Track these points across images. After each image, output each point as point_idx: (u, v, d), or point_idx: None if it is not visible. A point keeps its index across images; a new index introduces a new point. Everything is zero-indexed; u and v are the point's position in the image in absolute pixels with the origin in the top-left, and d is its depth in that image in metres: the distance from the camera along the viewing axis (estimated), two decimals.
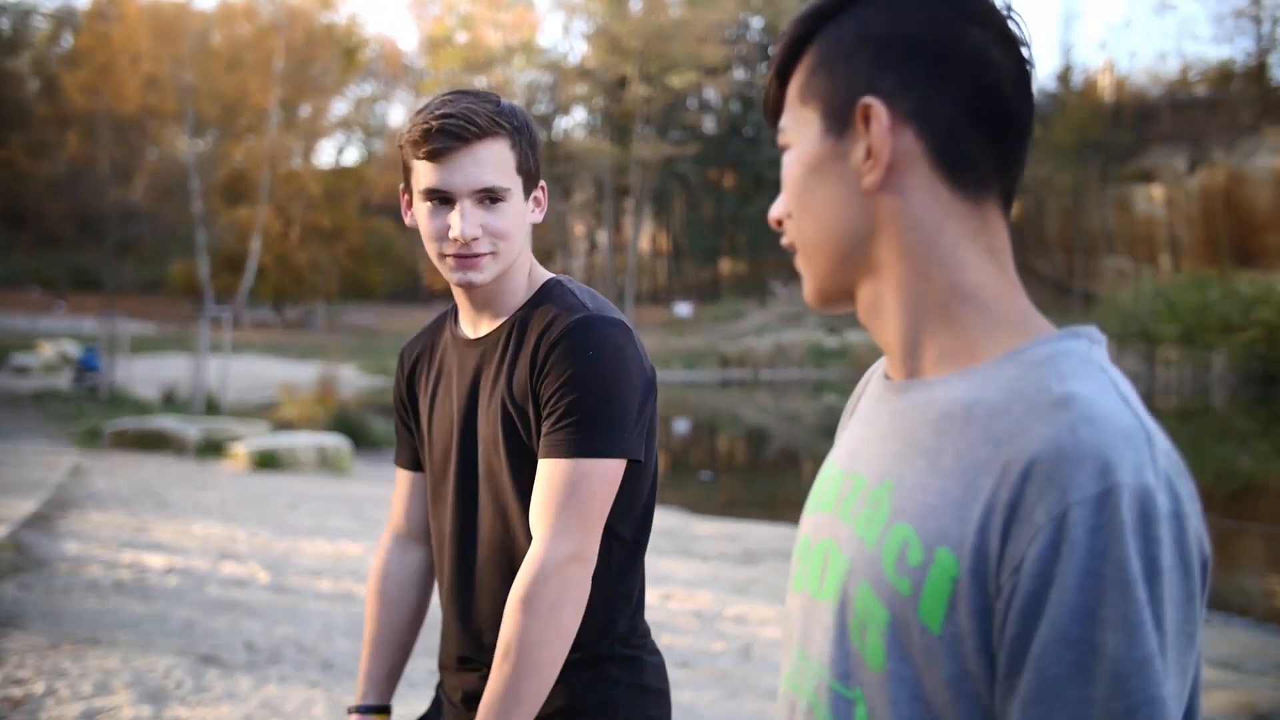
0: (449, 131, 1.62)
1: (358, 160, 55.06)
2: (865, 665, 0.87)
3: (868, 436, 0.97)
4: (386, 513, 10.16)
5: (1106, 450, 0.77)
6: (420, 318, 47.11)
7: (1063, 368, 0.85)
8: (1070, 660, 0.75)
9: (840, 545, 0.93)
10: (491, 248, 1.65)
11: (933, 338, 0.92)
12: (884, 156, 0.89)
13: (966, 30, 0.89)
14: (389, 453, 16.24)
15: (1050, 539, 0.76)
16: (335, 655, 5.32)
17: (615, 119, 51.69)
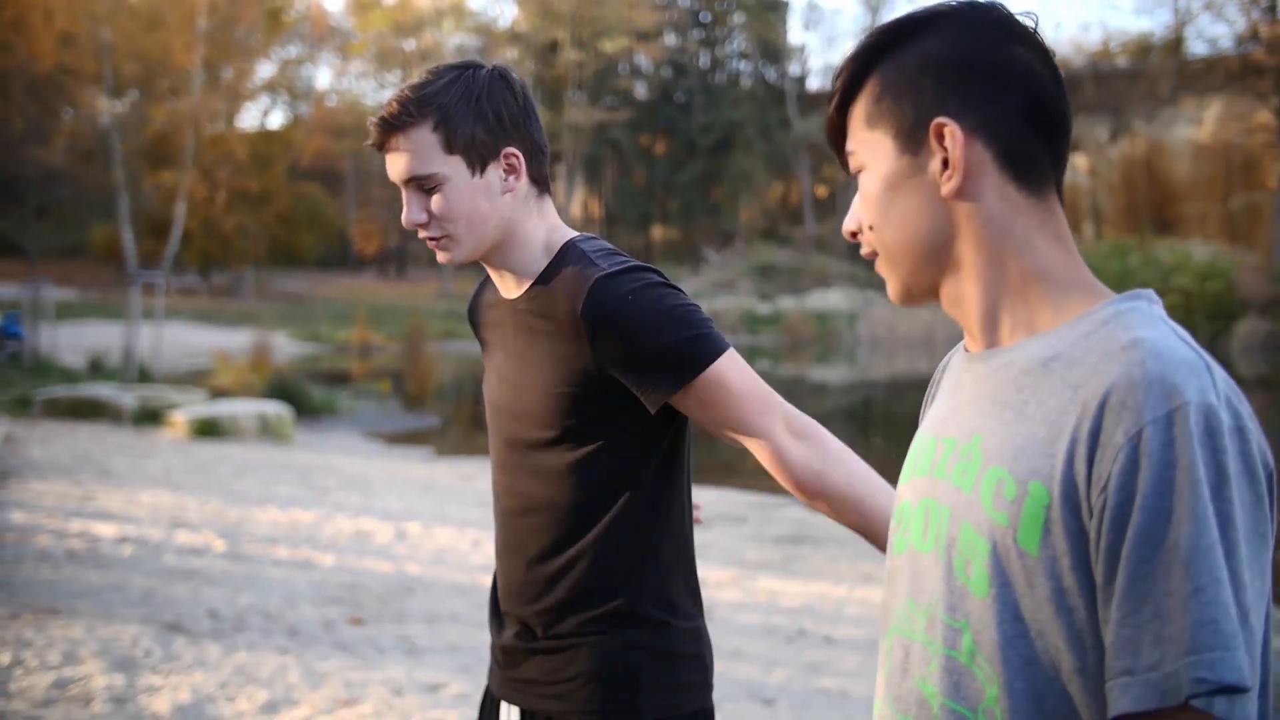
0: (375, 125, 1.69)
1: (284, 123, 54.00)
2: (971, 595, 0.98)
3: (953, 405, 1.09)
4: (334, 480, 10.09)
5: (1172, 376, 0.89)
6: (351, 284, 46.56)
7: (1129, 321, 0.97)
8: (1153, 557, 0.86)
9: (940, 500, 1.05)
10: (442, 231, 1.68)
11: (1009, 313, 1.05)
12: (960, 167, 1.02)
13: (1014, 50, 1.04)
14: (329, 420, 16.11)
15: (1130, 455, 0.88)
16: (301, 622, 5.33)
17: (547, 84, 51.22)
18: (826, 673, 5.13)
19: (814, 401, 23.55)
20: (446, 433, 16.25)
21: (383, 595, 5.93)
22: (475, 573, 6.61)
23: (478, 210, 1.67)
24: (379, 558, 6.87)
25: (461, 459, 12.89)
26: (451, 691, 4.43)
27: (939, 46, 1.05)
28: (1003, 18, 1.06)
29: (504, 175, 1.69)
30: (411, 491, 9.69)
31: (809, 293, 43.41)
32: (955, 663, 0.99)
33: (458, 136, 1.65)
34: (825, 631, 5.89)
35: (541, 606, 1.71)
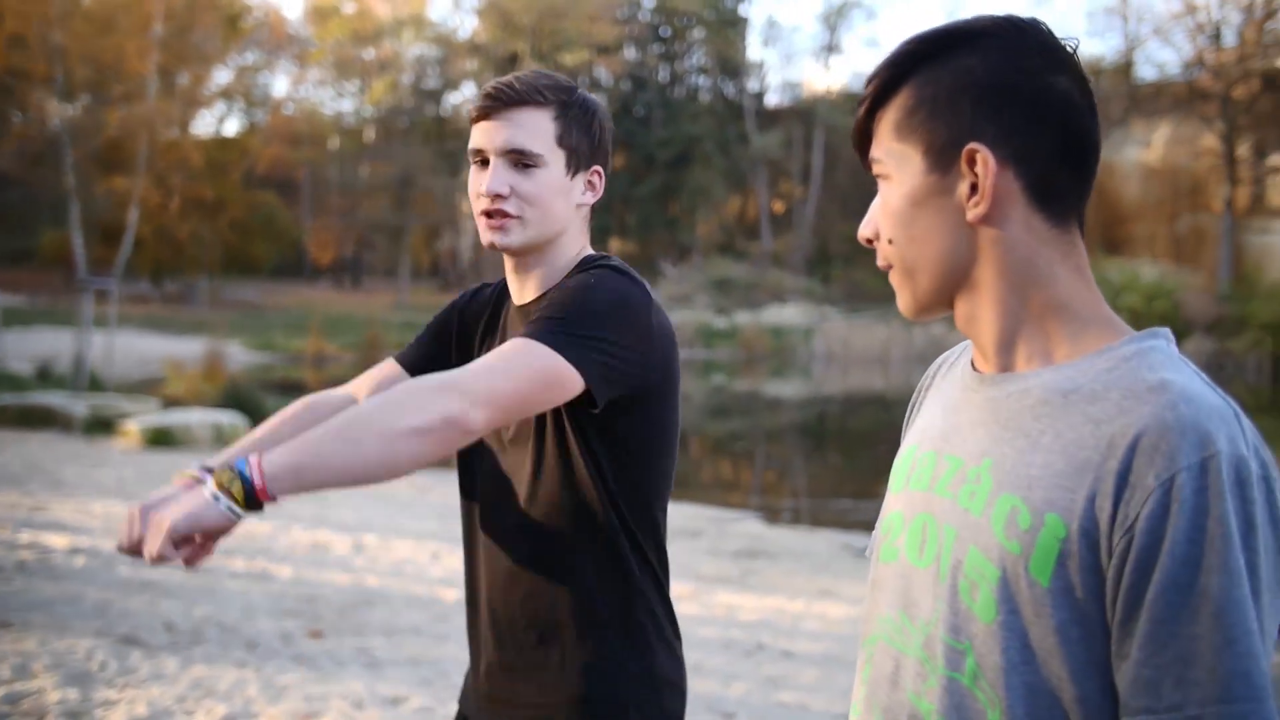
0: (492, 94, 1.71)
1: (240, 131, 53.53)
2: (976, 619, 0.99)
3: (959, 423, 1.09)
4: None
5: (1205, 424, 0.91)
6: (306, 294, 46.14)
7: (1152, 360, 0.99)
8: (1179, 603, 0.88)
9: (939, 518, 1.06)
10: (518, 210, 1.70)
11: (1025, 340, 1.06)
12: (989, 195, 1.02)
13: (1054, 80, 1.03)
14: None
15: (1161, 500, 0.90)
16: (259, 635, 5.29)
17: None
18: (786, 686, 5.17)
19: (769, 416, 23.70)
20: None
21: (341, 607, 5.90)
22: (435, 585, 6.59)
23: (554, 206, 1.73)
24: (337, 569, 6.83)
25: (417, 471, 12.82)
26: (413, 705, 4.42)
27: (979, 68, 1.03)
28: (1045, 43, 1.05)
29: (584, 189, 1.77)
30: (367, 503, 9.64)
31: (765, 307, 43.60)
32: (957, 684, 1.01)
33: (571, 134, 1.73)
34: (783, 646, 5.93)
35: (524, 626, 1.72)
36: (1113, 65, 51.14)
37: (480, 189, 1.70)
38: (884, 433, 21.94)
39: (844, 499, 13.10)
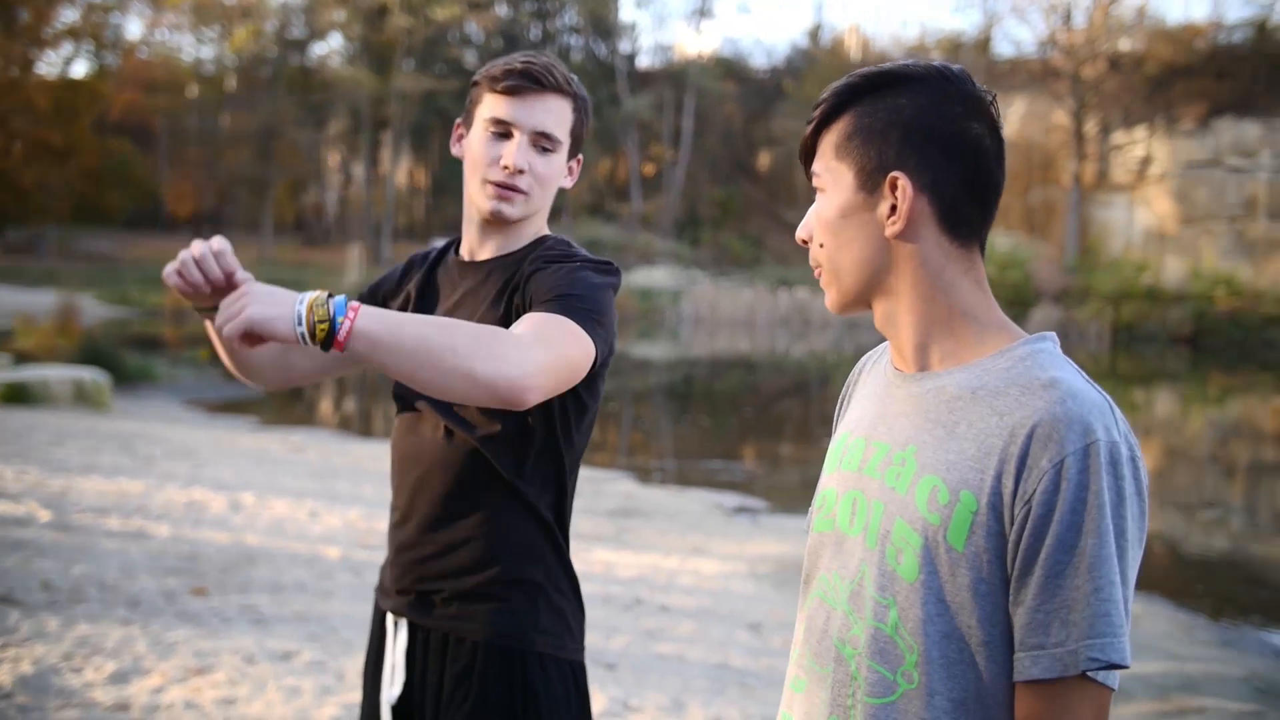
0: (531, 75, 1.85)
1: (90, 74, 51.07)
2: (900, 579, 1.20)
3: (884, 414, 1.30)
4: (160, 449, 9.82)
5: (1087, 416, 1.13)
6: (162, 246, 44.45)
7: (1042, 361, 1.21)
8: (1065, 560, 1.11)
9: (868, 494, 1.26)
10: (528, 187, 1.86)
11: (938, 343, 1.26)
12: (905, 216, 1.23)
13: (969, 125, 1.24)
14: (147, 387, 15.57)
15: (1053, 478, 1.12)
16: (141, 593, 5.28)
17: (375, 49, 50.07)
18: (663, 639, 5.41)
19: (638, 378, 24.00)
20: (270, 402, 15.91)
21: (224, 566, 5.91)
22: (316, 543, 6.64)
23: (553, 187, 1.90)
24: (216, 528, 6.80)
25: (290, 429, 12.71)
26: (304, 659, 4.51)
27: (908, 107, 1.23)
28: (968, 92, 1.25)
29: (567, 174, 1.94)
30: (242, 461, 9.55)
31: (634, 269, 43.89)
32: (882, 633, 1.20)
33: (580, 126, 1.91)
34: (660, 600, 6.18)
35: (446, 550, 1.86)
36: (972, 41, 52.71)
37: (505, 160, 1.84)
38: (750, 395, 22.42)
39: (713, 460, 13.45)
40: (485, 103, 1.87)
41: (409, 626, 1.89)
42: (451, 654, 1.83)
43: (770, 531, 8.89)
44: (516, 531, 1.85)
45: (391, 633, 1.92)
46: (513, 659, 1.81)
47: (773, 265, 46.50)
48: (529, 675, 1.80)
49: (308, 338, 1.46)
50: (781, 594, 6.80)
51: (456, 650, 1.83)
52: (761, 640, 5.63)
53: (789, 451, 14.84)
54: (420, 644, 1.87)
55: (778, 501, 10.50)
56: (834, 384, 25.20)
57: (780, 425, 18.03)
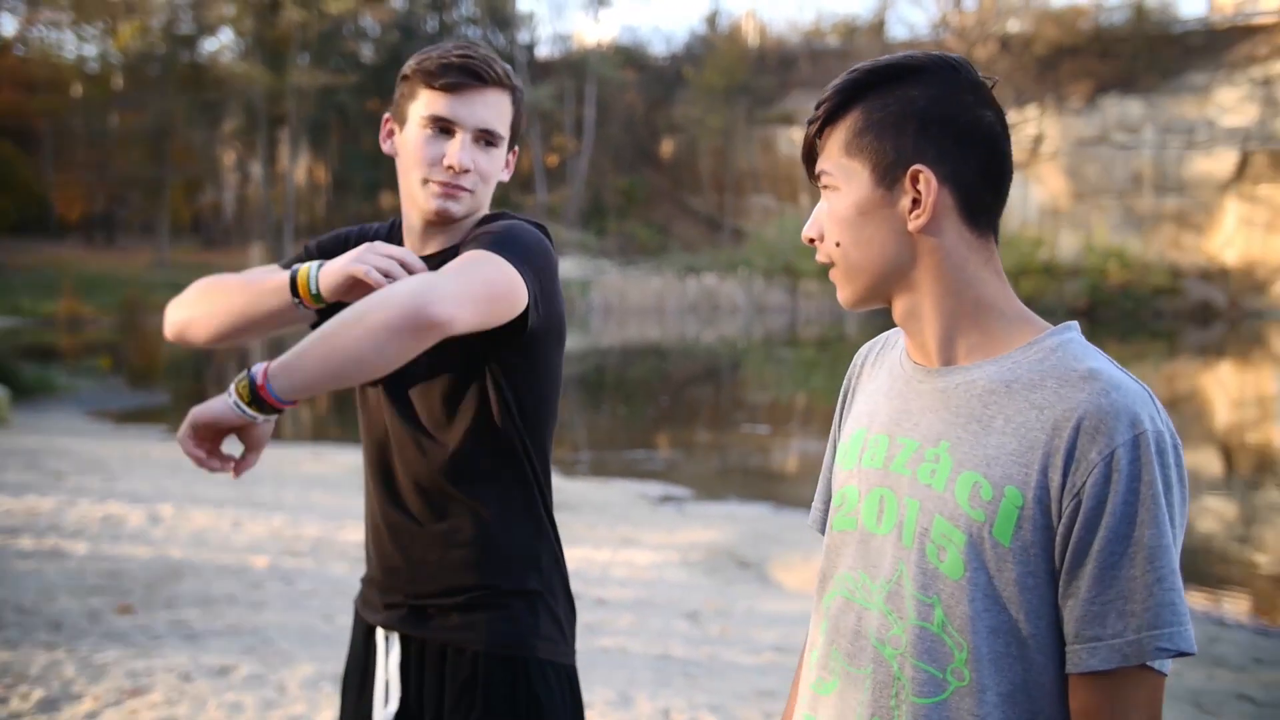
0: (470, 70, 1.78)
1: None
2: (944, 576, 1.19)
3: (908, 409, 1.29)
4: (68, 464, 9.50)
5: (1133, 407, 1.13)
6: (53, 252, 43.03)
7: (1075, 351, 1.21)
8: (1120, 551, 1.12)
9: (898, 491, 1.25)
10: (472, 185, 1.81)
11: (963, 336, 1.26)
12: (930, 208, 1.22)
13: (982, 113, 1.24)
14: (47, 400, 15.07)
15: (1103, 471, 1.12)
16: (63, 614, 5.11)
17: (268, 44, 48.92)
18: (604, 633, 5.41)
19: None
20: (178, 410, 15.52)
21: (148, 581, 5.75)
22: (242, 553, 6.49)
23: (494, 181, 1.86)
24: (136, 543, 6.62)
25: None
26: (242, 674, 4.41)
27: (921, 98, 1.22)
28: (974, 80, 1.25)
29: (505, 167, 1.90)
30: (157, 472, 9.30)
31: None
32: (927, 631, 1.19)
33: (518, 118, 1.87)
34: (596, 594, 6.17)
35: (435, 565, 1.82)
36: (867, 24, 53.52)
37: (450, 160, 1.78)
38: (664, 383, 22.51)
39: (633, 449, 13.48)
40: (422, 99, 1.80)
41: (401, 640, 1.84)
42: (451, 665, 1.79)
43: (697, 519, 8.94)
44: (511, 545, 1.81)
45: (383, 648, 1.86)
46: (515, 667, 1.78)
47: (679, 253, 46.71)
48: (532, 683, 1.78)
49: (240, 404, 1.55)
50: (714, 581, 6.85)
51: (457, 661, 1.79)
52: (700, 629, 5.66)
53: (707, 438, 14.94)
54: (415, 657, 1.83)
55: (701, 489, 10.57)
56: (745, 368, 25.46)
57: (696, 412, 18.15)
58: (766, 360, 27.26)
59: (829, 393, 20.45)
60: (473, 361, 1.78)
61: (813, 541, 7.99)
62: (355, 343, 1.52)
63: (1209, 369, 24.71)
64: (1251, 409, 17.88)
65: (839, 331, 34.52)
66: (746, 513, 9.45)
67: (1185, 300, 42.11)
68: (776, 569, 7.38)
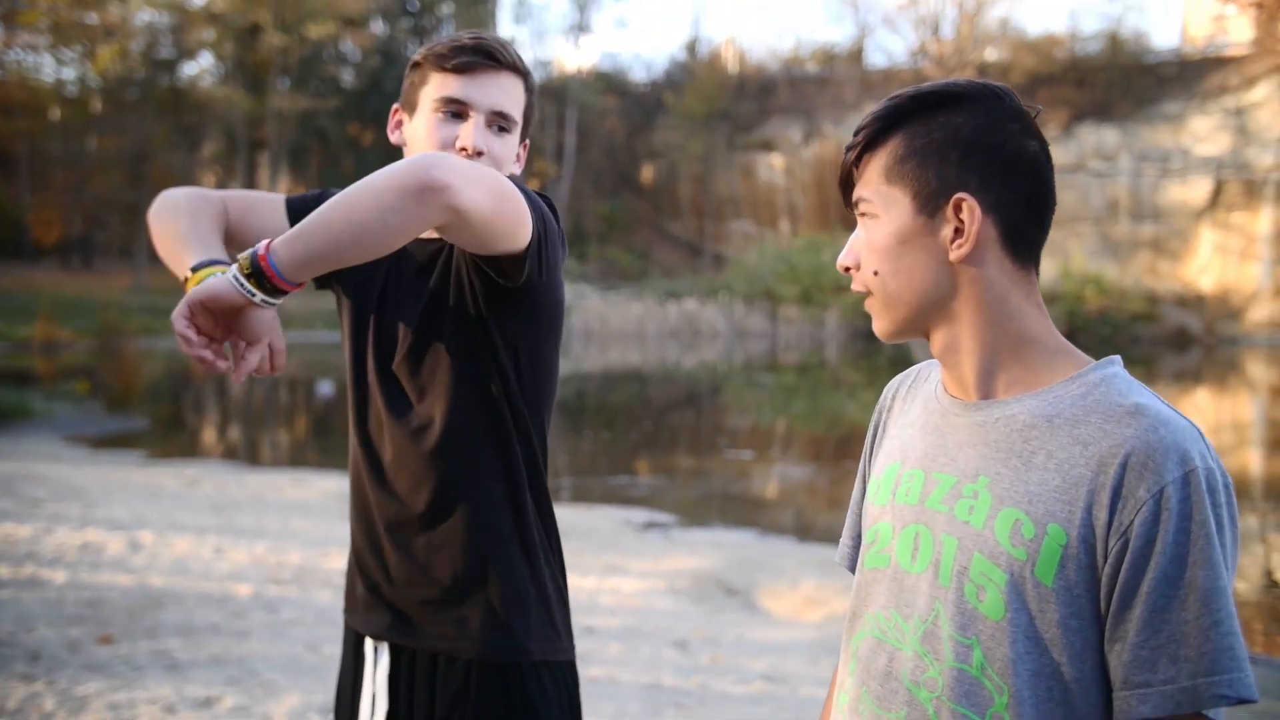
0: (484, 50, 1.74)
1: None
2: (984, 617, 1.15)
3: (944, 444, 1.25)
4: (45, 490, 9.37)
5: (1182, 444, 1.10)
6: (28, 276, 42.68)
7: (1119, 386, 1.17)
8: (1171, 593, 1.07)
9: (935, 528, 1.21)
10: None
11: (1004, 369, 1.22)
12: (973, 238, 1.19)
13: (1027, 142, 1.21)
14: (22, 424, 14.89)
15: (1152, 509, 1.08)
16: (42, 644, 5.02)
17: (248, 68, 48.89)
18: (593, 662, 5.34)
19: None
20: (158, 435, 15.37)
21: (129, 610, 5.65)
22: (224, 581, 6.40)
23: (505, 169, 1.79)
24: (116, 571, 6.51)
25: (181, 462, 12.28)
26: (226, 705, 4.33)
27: (965, 126, 1.19)
28: (1019, 109, 1.22)
29: (518, 158, 1.85)
30: (136, 499, 9.17)
31: None
32: (966, 674, 1.15)
33: (530, 108, 1.82)
34: (584, 622, 6.10)
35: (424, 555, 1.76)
36: (846, 52, 53.94)
37: (464, 142, 1.72)
38: (646, 408, 22.47)
39: (617, 476, 13.41)
40: (433, 82, 1.75)
41: (391, 650, 1.79)
42: (442, 675, 1.74)
43: (683, 546, 8.89)
44: (501, 530, 1.75)
45: (371, 658, 1.81)
46: (508, 673, 1.73)
47: (660, 278, 46.79)
48: (526, 688, 1.73)
49: (240, 280, 1.47)
50: (702, 609, 6.80)
51: (448, 671, 1.74)
52: (690, 658, 5.61)
53: (690, 463, 14.88)
54: (405, 666, 1.77)
55: (686, 515, 10.52)
56: (726, 393, 25.45)
57: (679, 437, 18.09)
58: (747, 385, 27.26)
59: (810, 418, 20.45)
60: (470, 330, 1.73)
61: (799, 568, 7.95)
62: (359, 209, 1.45)
63: (1187, 395, 24.86)
64: (1228, 434, 17.99)
65: (819, 357, 34.58)
66: (732, 539, 9.40)
67: (1162, 326, 42.44)
68: (764, 596, 7.33)
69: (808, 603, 7.15)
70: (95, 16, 49.23)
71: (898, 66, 51.17)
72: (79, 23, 49.38)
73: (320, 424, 19.03)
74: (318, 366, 27.82)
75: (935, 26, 50.84)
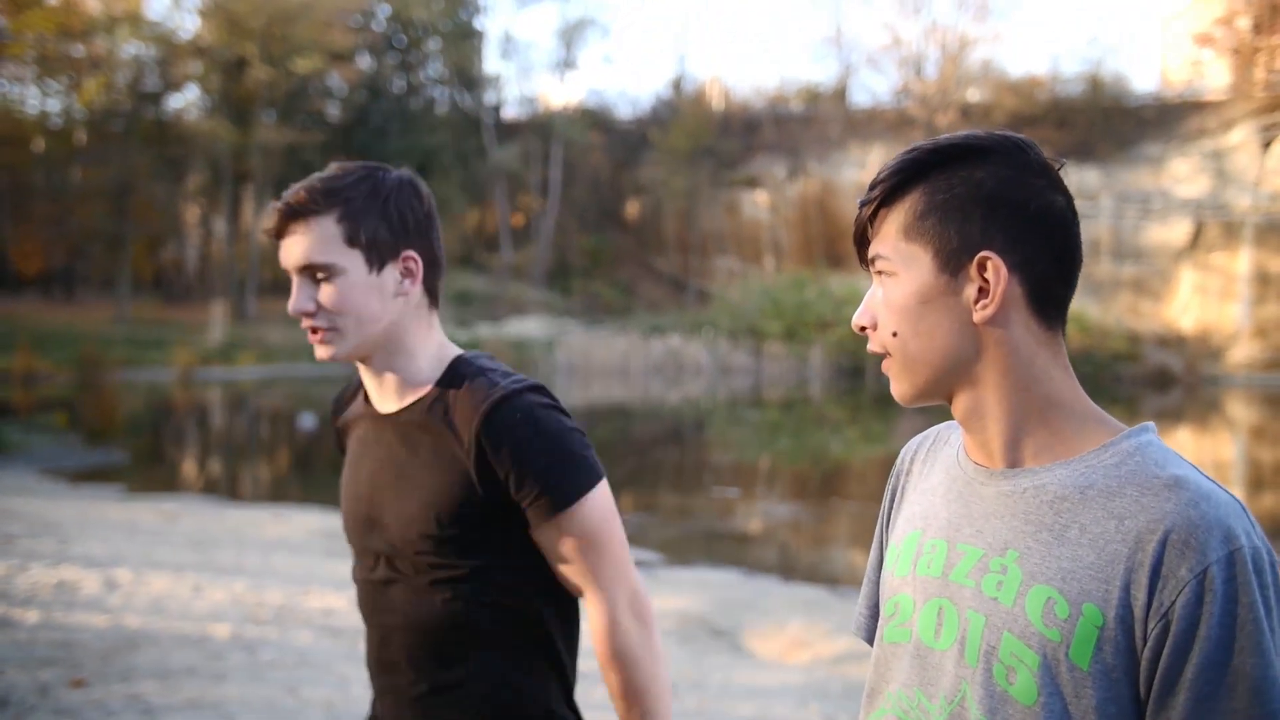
0: (280, 213, 1.68)
1: None
2: (1014, 701, 1.08)
3: (969, 514, 1.18)
4: (19, 526, 9.22)
5: (1226, 520, 1.03)
6: (9, 307, 42.41)
7: (1155, 456, 1.10)
8: (1217, 680, 1.00)
9: (960, 604, 1.14)
10: (328, 323, 1.68)
11: (1031, 436, 1.15)
12: (999, 299, 1.12)
13: (1054, 198, 1.15)
14: (21, 458, 14.70)
15: (1195, 590, 1.01)
16: (11, 689, 4.88)
17: (234, 101, 48.88)
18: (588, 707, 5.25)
19: None
20: (137, 468, 15.20)
21: (103, 652, 5.53)
22: (203, 621, 6.28)
23: (368, 307, 1.68)
24: (90, 610, 6.38)
25: (161, 497, 12.12)
26: None
27: (989, 181, 1.13)
28: (1043, 163, 1.16)
29: (400, 278, 1.71)
30: (114, 535, 9.03)
31: (506, 320, 43.66)
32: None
33: (361, 231, 1.67)
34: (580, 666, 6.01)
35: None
36: (830, 91, 54.35)
37: (290, 308, 1.70)
38: (630, 444, 22.41)
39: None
40: None
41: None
42: None
43: (668, 585, 8.79)
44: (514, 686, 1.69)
45: None
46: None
47: (644, 313, 46.79)
48: None
49: None
50: (687, 651, 6.71)
51: None
52: (677, 702, 5.51)
53: (674, 501, 14.79)
54: None
55: (671, 553, 10.43)
56: (710, 429, 25.39)
57: (663, 474, 18.00)
58: (732, 421, 27.21)
59: (795, 454, 20.38)
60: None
61: (784, 609, 7.87)
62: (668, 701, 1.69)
63: (1169, 434, 24.92)
64: (1213, 473, 18.03)
65: (804, 393, 34.56)
66: (717, 579, 9.31)
67: (1144, 366, 42.61)
68: (750, 638, 7.24)
69: (795, 644, 7.06)
70: (82, 49, 49.22)
71: (882, 105, 51.55)
72: (65, 55, 49.36)
73: (302, 458, 18.87)
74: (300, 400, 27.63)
75: (918, 67, 51.30)
